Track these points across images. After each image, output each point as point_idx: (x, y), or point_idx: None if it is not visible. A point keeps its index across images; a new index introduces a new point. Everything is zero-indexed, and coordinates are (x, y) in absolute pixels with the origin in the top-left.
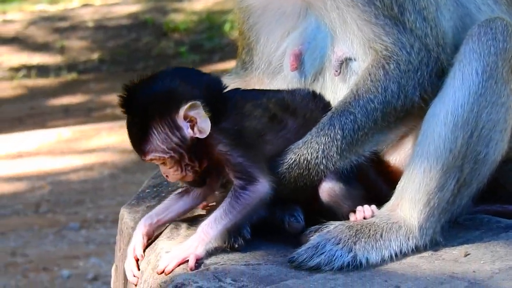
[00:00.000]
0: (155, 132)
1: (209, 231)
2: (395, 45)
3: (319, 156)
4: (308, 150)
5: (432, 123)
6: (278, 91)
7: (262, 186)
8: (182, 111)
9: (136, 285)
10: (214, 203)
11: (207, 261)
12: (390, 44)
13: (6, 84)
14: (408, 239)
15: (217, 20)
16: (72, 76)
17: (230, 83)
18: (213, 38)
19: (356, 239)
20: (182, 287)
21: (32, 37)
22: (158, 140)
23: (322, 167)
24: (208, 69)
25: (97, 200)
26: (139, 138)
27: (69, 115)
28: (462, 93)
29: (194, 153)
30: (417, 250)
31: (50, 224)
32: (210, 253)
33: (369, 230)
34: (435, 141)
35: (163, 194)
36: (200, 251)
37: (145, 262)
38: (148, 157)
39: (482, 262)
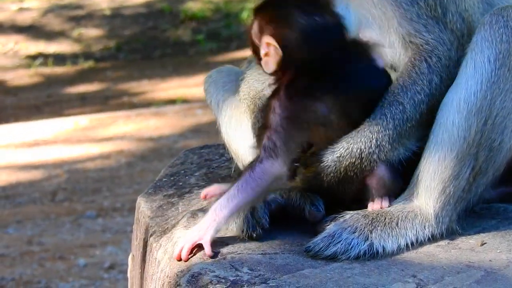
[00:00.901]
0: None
1: (220, 211)
2: (436, 41)
3: (372, 145)
4: (361, 139)
5: (445, 111)
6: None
7: (280, 165)
8: (267, 36)
9: None
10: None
11: (224, 250)
12: (431, 39)
13: (23, 72)
14: (424, 227)
15: (234, 8)
16: (89, 64)
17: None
18: (230, 26)
19: (372, 227)
20: (199, 276)
21: (49, 25)
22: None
23: (375, 157)
24: (225, 57)
25: (114, 189)
26: None
27: (86, 103)
28: (474, 81)
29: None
30: (433, 238)
31: (66, 213)
32: (226, 242)
33: (385, 218)
34: (449, 129)
35: (180, 183)
36: (211, 232)
37: (162, 252)
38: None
39: (498, 251)
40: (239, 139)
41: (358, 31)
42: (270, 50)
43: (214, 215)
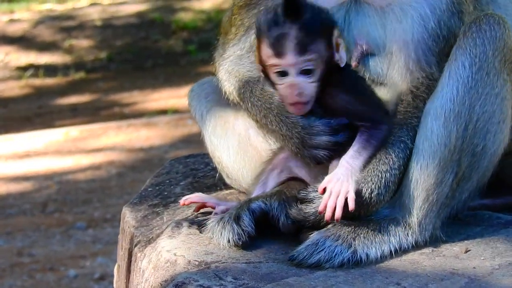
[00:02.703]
0: (318, 38)
1: (354, 162)
2: (437, 74)
3: (381, 186)
4: (372, 178)
5: (424, 121)
6: None
7: (385, 126)
8: (335, 32)
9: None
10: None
11: (208, 259)
12: (435, 74)
13: (14, 84)
14: (407, 234)
15: None
16: (80, 75)
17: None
18: None
19: (355, 235)
20: (183, 285)
21: (40, 37)
22: (319, 44)
23: (381, 198)
24: None
25: (105, 199)
26: (304, 38)
27: (77, 114)
28: (449, 88)
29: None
30: (417, 246)
31: (57, 224)
32: (210, 251)
33: (368, 226)
34: (428, 137)
35: (166, 193)
36: (351, 181)
37: (146, 261)
38: (307, 55)
39: (482, 258)
40: (223, 148)
41: (356, 38)
42: (339, 44)
43: (348, 166)
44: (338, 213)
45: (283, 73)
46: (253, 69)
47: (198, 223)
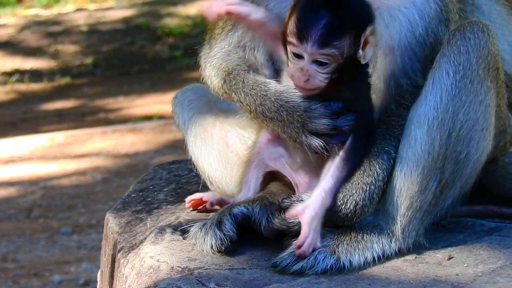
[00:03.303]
0: (346, 35)
1: (328, 193)
2: (413, 87)
3: (366, 198)
4: (356, 191)
5: (407, 128)
6: None
7: (368, 139)
8: (368, 30)
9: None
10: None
11: (191, 265)
12: (420, 82)
13: None
14: (390, 241)
15: None
16: (66, 80)
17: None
18: None
19: (339, 242)
20: None
21: (26, 42)
22: (345, 41)
23: (366, 210)
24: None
25: (90, 205)
26: (331, 32)
27: (62, 119)
28: (433, 96)
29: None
30: (400, 253)
31: (42, 229)
32: (193, 257)
33: (351, 233)
34: (412, 145)
35: (149, 199)
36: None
37: (129, 267)
38: (327, 49)
39: (465, 265)
40: (204, 157)
41: None
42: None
43: (321, 198)
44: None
45: (298, 55)
46: (242, 63)
47: (181, 229)
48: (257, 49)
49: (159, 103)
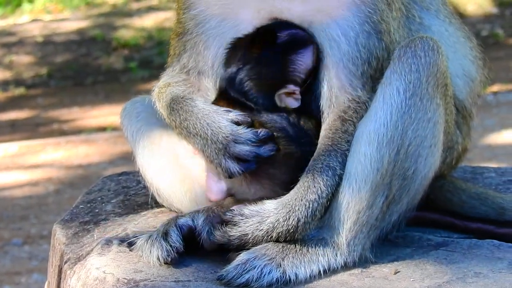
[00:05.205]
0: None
1: None
2: (365, 98)
3: (308, 215)
4: (299, 208)
5: (357, 144)
6: None
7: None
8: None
9: None
10: None
11: (137, 277)
12: (362, 97)
13: None
14: (336, 255)
15: (167, 36)
16: (20, 91)
17: (180, 83)
18: (163, 54)
19: (284, 255)
20: None
21: None
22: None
23: (307, 226)
24: None
25: (42, 216)
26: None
27: (15, 130)
28: (383, 113)
29: None
30: (346, 266)
31: None
32: (139, 269)
33: (296, 245)
34: (361, 161)
35: (97, 210)
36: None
37: (76, 279)
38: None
39: (411, 279)
40: (152, 169)
41: None
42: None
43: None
44: None
45: None
46: (183, 84)
47: (128, 241)
48: (201, 73)
49: (113, 114)
